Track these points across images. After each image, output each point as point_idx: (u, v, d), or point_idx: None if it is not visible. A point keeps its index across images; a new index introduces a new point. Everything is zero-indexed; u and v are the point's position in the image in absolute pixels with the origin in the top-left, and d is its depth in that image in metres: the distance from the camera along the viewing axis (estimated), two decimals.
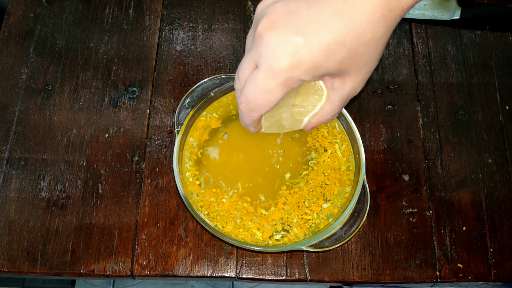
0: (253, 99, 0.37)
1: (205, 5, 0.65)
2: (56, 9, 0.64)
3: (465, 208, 0.55)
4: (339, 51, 0.33)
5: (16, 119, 0.58)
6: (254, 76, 0.35)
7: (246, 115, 0.40)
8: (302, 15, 0.33)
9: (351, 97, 0.39)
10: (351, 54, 0.33)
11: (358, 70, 0.36)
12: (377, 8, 0.32)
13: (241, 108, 0.39)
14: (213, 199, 0.51)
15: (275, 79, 0.34)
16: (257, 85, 0.35)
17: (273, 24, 0.33)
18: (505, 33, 0.65)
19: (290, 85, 0.35)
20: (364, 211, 0.49)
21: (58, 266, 0.51)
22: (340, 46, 0.32)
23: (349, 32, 0.32)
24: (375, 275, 0.52)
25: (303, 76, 0.34)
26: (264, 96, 0.36)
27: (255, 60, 0.35)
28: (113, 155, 0.56)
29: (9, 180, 0.55)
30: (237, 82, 0.39)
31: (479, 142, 0.58)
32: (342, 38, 0.32)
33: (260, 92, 0.36)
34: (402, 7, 0.33)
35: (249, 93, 0.36)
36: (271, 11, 0.34)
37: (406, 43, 0.63)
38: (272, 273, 0.51)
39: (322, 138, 0.54)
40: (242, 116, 0.41)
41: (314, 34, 0.32)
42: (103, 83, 0.60)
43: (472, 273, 0.52)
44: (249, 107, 0.38)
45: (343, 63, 0.34)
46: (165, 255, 0.52)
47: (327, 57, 0.33)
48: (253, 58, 0.35)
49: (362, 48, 0.33)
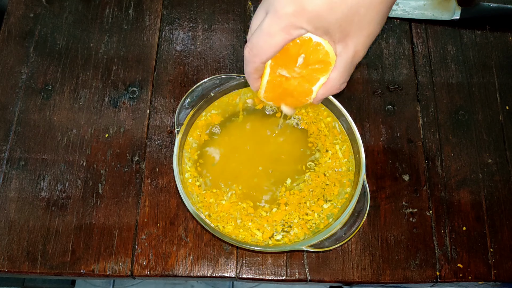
0: (256, 42, 0.39)
1: (205, 5, 0.65)
2: (56, 9, 0.64)
3: (465, 208, 0.55)
4: (340, 6, 0.35)
5: (16, 119, 0.58)
6: (261, 22, 0.38)
7: (249, 61, 0.41)
8: None
9: (355, 62, 0.40)
10: (352, 12, 0.36)
11: (359, 31, 0.37)
12: None
13: (245, 52, 0.41)
14: (212, 200, 0.51)
15: (278, 23, 0.37)
16: (262, 29, 0.38)
17: None
18: (505, 33, 0.65)
19: (292, 31, 0.37)
20: (364, 211, 0.49)
21: (58, 266, 0.51)
22: (342, 1, 0.35)
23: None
24: (375, 275, 0.52)
25: (305, 24, 0.36)
26: (266, 39, 0.38)
27: (266, 8, 0.38)
28: (113, 155, 0.56)
29: (9, 180, 0.55)
30: (249, 33, 0.41)
31: (479, 142, 0.58)
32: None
33: (263, 35, 0.38)
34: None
35: (254, 38, 0.39)
36: None
37: (406, 43, 0.63)
38: (272, 273, 0.51)
39: (324, 138, 0.54)
40: (245, 63, 0.42)
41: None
42: (103, 83, 0.60)
43: (472, 273, 0.52)
44: (252, 51, 0.40)
45: (344, 20, 0.36)
46: (165, 255, 0.52)
47: (330, 9, 0.35)
48: (264, 6, 0.38)
49: (362, 9, 0.36)
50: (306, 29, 0.37)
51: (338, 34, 0.37)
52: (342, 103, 0.54)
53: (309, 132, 0.54)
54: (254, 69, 0.42)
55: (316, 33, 0.38)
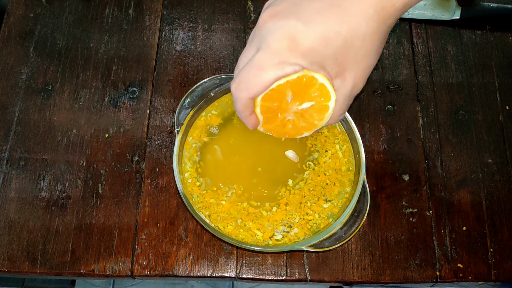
0: (245, 76, 0.36)
1: (205, 5, 0.65)
2: (56, 9, 0.64)
3: (465, 208, 0.55)
4: (335, 40, 0.35)
5: (16, 119, 0.58)
6: (252, 58, 0.36)
7: (236, 97, 0.38)
8: (303, 7, 0.35)
9: (354, 95, 0.40)
10: (347, 45, 0.35)
11: (356, 64, 0.37)
12: (370, 5, 0.34)
13: (232, 88, 0.38)
14: (213, 200, 0.51)
15: (272, 58, 0.35)
16: (252, 63, 0.36)
17: (277, 13, 0.36)
18: (505, 33, 0.65)
19: (286, 68, 0.35)
20: (364, 211, 0.49)
21: (58, 266, 0.51)
22: (336, 35, 0.35)
23: (344, 22, 0.34)
24: (375, 275, 0.52)
25: (300, 59, 0.35)
26: (257, 73, 0.36)
27: (257, 45, 0.36)
28: (113, 155, 0.56)
29: (9, 180, 0.55)
30: (236, 69, 0.39)
31: (479, 142, 0.58)
32: (338, 28, 0.34)
33: (254, 69, 0.36)
34: (394, 6, 0.35)
35: (243, 72, 0.37)
36: (276, 3, 0.37)
37: (406, 43, 0.63)
38: (272, 273, 0.51)
39: (324, 139, 0.54)
40: (234, 101, 0.40)
41: (313, 22, 0.35)
42: (103, 83, 0.60)
43: (472, 273, 0.52)
44: (239, 86, 0.37)
45: (340, 54, 0.36)
46: (165, 255, 0.52)
47: (325, 44, 0.35)
48: (256, 43, 0.37)
49: (357, 41, 0.35)
50: (301, 64, 0.35)
51: (335, 69, 0.37)
52: None
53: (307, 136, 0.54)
54: (243, 107, 0.39)
55: (311, 68, 0.36)
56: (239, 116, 0.41)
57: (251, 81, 0.36)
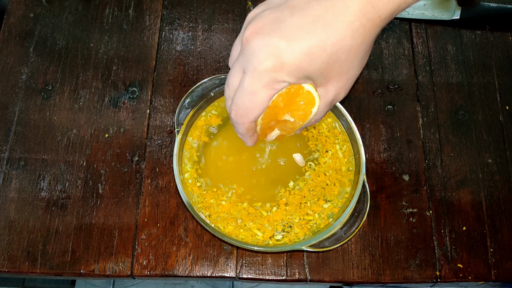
0: (241, 103, 0.37)
1: (205, 5, 0.65)
2: (56, 9, 0.64)
3: (465, 208, 0.55)
4: (320, 56, 0.34)
5: (16, 119, 0.58)
6: (242, 81, 0.37)
7: (238, 123, 0.40)
8: (286, 22, 0.34)
9: (335, 103, 0.40)
10: (332, 60, 0.35)
11: (340, 76, 0.37)
12: (356, 17, 0.33)
13: (232, 116, 0.40)
14: (213, 200, 0.51)
15: (260, 80, 0.35)
16: (244, 88, 0.36)
17: (259, 30, 0.35)
18: (505, 33, 0.65)
19: (276, 86, 0.36)
20: (364, 211, 0.49)
21: (58, 266, 0.51)
22: (321, 51, 0.34)
23: (329, 37, 0.33)
24: (375, 275, 0.52)
25: (287, 77, 0.35)
26: (251, 98, 0.37)
27: (243, 66, 0.36)
28: (113, 155, 0.56)
29: (9, 180, 0.55)
30: (226, 90, 0.39)
31: (479, 142, 0.58)
32: (323, 43, 0.33)
33: (247, 94, 0.37)
34: (380, 17, 0.34)
35: (238, 99, 0.37)
36: (258, 19, 0.35)
37: (406, 43, 0.63)
38: (272, 273, 0.51)
39: (325, 139, 0.54)
40: (235, 126, 0.41)
41: (297, 39, 0.34)
42: (103, 83, 0.60)
43: (472, 273, 0.52)
44: (239, 113, 0.39)
45: (325, 68, 0.35)
46: (165, 255, 0.52)
47: (309, 60, 0.34)
48: (241, 63, 0.37)
49: (342, 55, 0.35)
50: (288, 81, 0.36)
51: (320, 80, 0.37)
52: (342, 103, 0.54)
53: (308, 137, 0.54)
54: (246, 130, 0.41)
55: (298, 83, 0.37)
56: (240, 137, 0.43)
57: (248, 107, 0.37)
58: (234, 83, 0.38)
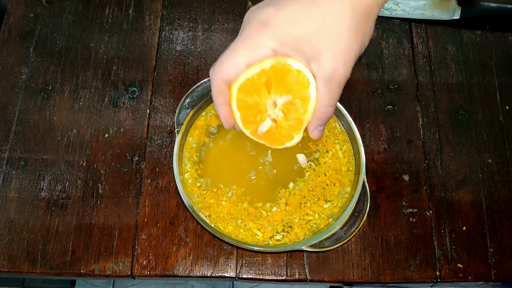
0: (219, 59, 0.39)
1: (205, 5, 0.65)
2: (56, 9, 0.64)
3: (465, 208, 0.55)
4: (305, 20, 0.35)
5: (16, 119, 0.58)
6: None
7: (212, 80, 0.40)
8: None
9: (338, 82, 0.37)
10: (317, 25, 0.35)
11: (330, 46, 0.36)
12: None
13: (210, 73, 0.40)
14: (213, 200, 0.51)
15: (243, 41, 0.37)
16: (227, 48, 0.38)
17: (257, 6, 0.38)
18: (505, 33, 0.65)
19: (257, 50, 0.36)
20: (364, 211, 0.49)
21: (58, 266, 0.51)
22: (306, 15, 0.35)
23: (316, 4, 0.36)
24: (375, 275, 0.52)
25: (269, 41, 0.36)
26: (230, 54, 0.38)
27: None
28: (113, 155, 0.56)
29: (9, 180, 0.55)
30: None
31: (479, 142, 0.58)
32: (307, 9, 0.36)
33: (227, 51, 0.38)
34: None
35: (221, 56, 0.39)
36: (258, 4, 0.39)
37: (406, 43, 0.63)
38: (272, 273, 0.51)
39: (325, 139, 0.54)
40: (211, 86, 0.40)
41: (285, 6, 0.36)
42: (103, 83, 0.60)
43: (472, 273, 0.52)
44: (215, 68, 0.39)
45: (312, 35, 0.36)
46: (165, 255, 0.52)
47: (293, 23, 0.36)
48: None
49: (328, 21, 0.35)
50: (271, 46, 0.36)
51: (309, 51, 0.36)
52: (342, 103, 0.54)
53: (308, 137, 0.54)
54: (217, 92, 0.40)
55: (283, 51, 0.36)
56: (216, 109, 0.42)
57: (224, 63, 0.38)
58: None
